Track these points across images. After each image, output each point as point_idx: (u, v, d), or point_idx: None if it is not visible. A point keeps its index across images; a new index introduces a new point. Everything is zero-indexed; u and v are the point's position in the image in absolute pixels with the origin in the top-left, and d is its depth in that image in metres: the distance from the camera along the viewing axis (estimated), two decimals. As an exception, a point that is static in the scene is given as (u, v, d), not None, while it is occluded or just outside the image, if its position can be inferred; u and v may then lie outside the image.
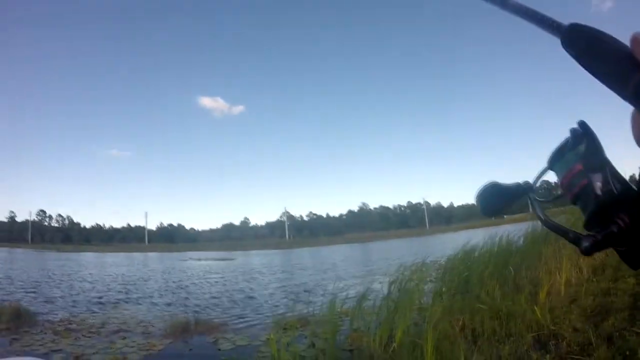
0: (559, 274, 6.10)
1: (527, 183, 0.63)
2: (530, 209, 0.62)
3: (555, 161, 0.58)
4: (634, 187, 0.49)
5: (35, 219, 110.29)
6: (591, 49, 0.51)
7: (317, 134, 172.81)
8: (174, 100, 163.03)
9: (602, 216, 0.50)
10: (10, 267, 25.07)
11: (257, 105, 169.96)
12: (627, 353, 3.71)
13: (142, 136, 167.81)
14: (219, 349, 6.12)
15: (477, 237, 10.91)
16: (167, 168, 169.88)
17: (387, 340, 4.74)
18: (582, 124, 0.56)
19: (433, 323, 4.57)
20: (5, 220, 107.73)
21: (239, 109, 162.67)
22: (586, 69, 0.51)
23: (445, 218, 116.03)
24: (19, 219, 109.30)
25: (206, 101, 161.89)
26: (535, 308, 4.98)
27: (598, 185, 0.51)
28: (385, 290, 6.86)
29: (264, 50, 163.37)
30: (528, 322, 4.82)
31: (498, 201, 0.64)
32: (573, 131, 0.56)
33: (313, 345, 5.41)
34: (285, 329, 6.12)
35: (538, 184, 0.63)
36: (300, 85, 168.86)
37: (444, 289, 7.07)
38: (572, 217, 8.64)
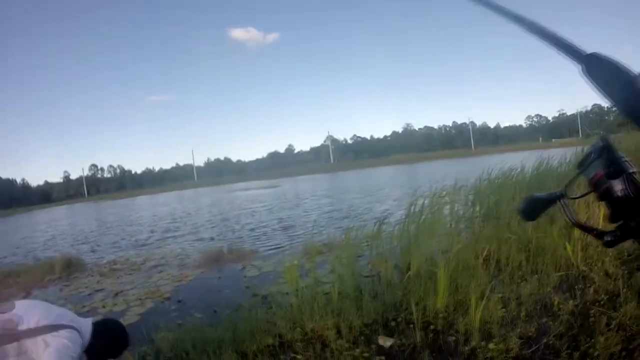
0: (598, 206, 5.31)
1: (560, 191, 0.86)
2: (561, 211, 0.86)
3: (584, 166, 0.76)
4: None
5: (88, 173, 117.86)
6: (609, 81, 0.60)
7: (359, 55, 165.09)
8: (205, 38, 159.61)
9: (623, 213, 0.72)
10: (66, 222, 27.04)
11: (293, 30, 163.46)
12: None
13: (180, 78, 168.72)
14: (245, 276, 6.34)
15: (522, 158, 10.12)
16: (208, 105, 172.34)
17: (407, 268, 4.57)
18: (604, 139, 0.75)
19: (454, 252, 4.34)
20: (61, 180, 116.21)
21: (273, 36, 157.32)
22: (604, 98, 0.60)
23: (491, 139, 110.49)
24: (73, 176, 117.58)
25: (238, 33, 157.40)
26: (567, 244, 4.47)
27: (617, 189, 0.70)
28: (417, 213, 6.55)
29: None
30: (558, 258, 4.35)
31: (535, 209, 0.91)
32: (596, 144, 0.75)
33: (334, 271, 5.39)
34: (310, 254, 6.12)
35: (569, 189, 0.85)
36: (338, 6, 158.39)
37: (476, 214, 6.69)
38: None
